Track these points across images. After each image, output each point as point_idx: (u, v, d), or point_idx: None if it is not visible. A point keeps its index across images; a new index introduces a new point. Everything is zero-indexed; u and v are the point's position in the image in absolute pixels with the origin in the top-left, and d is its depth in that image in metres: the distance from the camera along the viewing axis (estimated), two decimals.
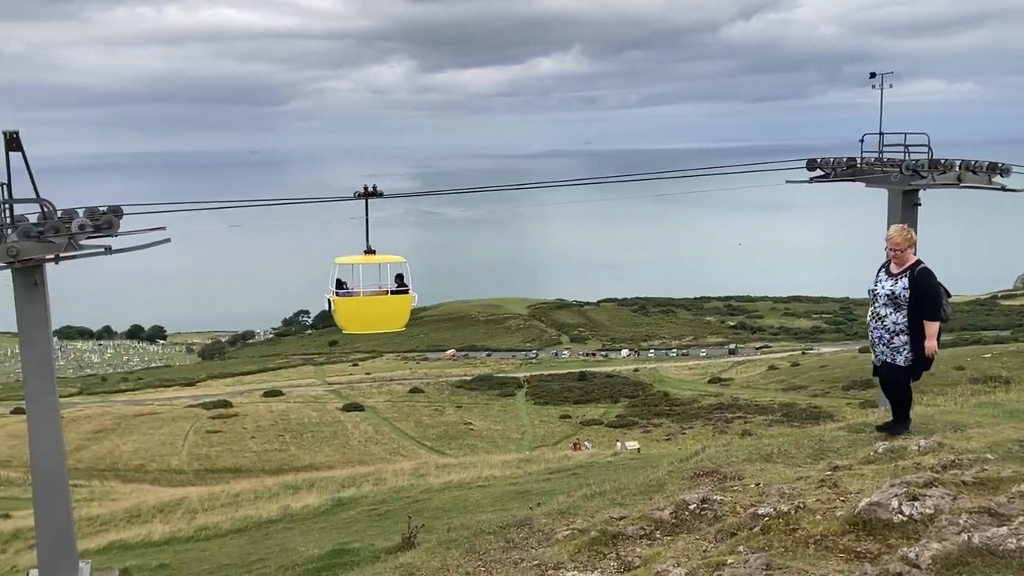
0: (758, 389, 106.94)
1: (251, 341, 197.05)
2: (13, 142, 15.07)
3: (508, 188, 24.59)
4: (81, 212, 16.10)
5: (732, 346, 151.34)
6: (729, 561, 5.51)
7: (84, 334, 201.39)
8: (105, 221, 15.92)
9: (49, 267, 16.01)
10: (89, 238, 15.80)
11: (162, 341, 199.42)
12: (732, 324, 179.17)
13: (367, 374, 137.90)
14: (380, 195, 17.30)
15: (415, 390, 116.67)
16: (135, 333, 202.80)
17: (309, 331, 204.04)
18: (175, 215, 17.80)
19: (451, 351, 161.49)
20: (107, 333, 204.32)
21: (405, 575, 6.58)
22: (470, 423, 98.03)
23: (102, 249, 16.00)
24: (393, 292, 18.21)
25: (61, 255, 15.69)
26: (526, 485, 21.14)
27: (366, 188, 17.14)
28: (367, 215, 17.30)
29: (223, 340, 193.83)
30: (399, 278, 18.43)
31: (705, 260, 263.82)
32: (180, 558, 18.48)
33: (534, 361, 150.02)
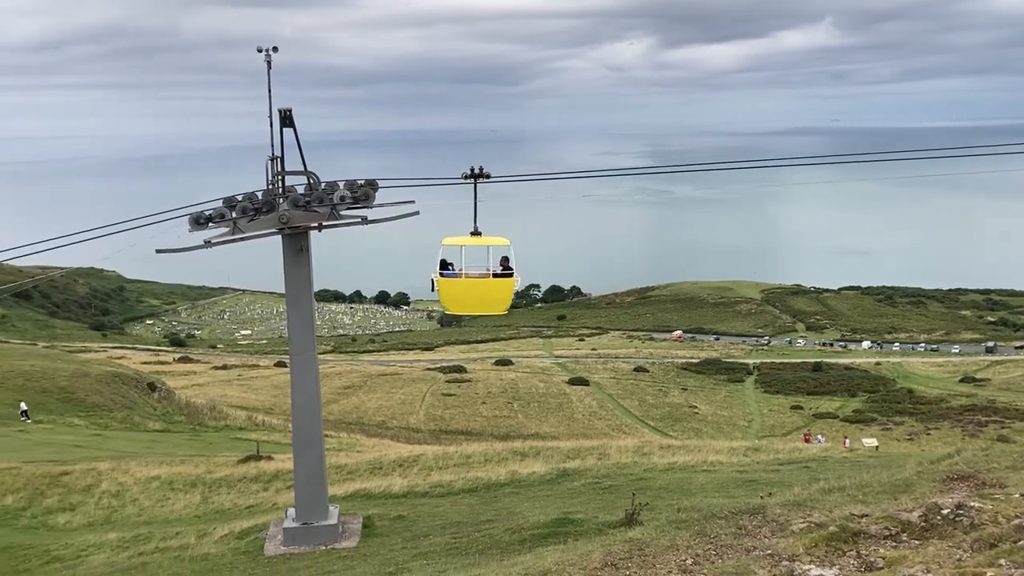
0: (1019, 392, 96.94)
1: None
2: (287, 119, 16.49)
3: (743, 165, 23.72)
4: (341, 184, 17.38)
5: (990, 344, 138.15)
6: (988, 574, 5.07)
7: (338, 298, 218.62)
8: (362, 193, 17.08)
9: (312, 234, 17.44)
10: (348, 209, 17.03)
11: (405, 307, 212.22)
12: (992, 320, 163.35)
13: (592, 350, 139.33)
14: (487, 176, 17.28)
15: (640, 369, 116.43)
16: (382, 299, 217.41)
17: (539, 304, 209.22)
18: (421, 190, 18.74)
19: (678, 332, 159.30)
20: (358, 297, 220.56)
21: (634, 550, 6.63)
22: (695, 406, 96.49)
23: (359, 219, 17.20)
24: (497, 275, 18.06)
25: (324, 224, 17.03)
26: (754, 474, 20.53)
27: (472, 170, 17.03)
28: (475, 197, 17.14)
29: None
30: (504, 261, 18.27)
31: (962, 249, 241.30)
32: (416, 511, 19.66)
33: (765, 348, 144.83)
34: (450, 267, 18.05)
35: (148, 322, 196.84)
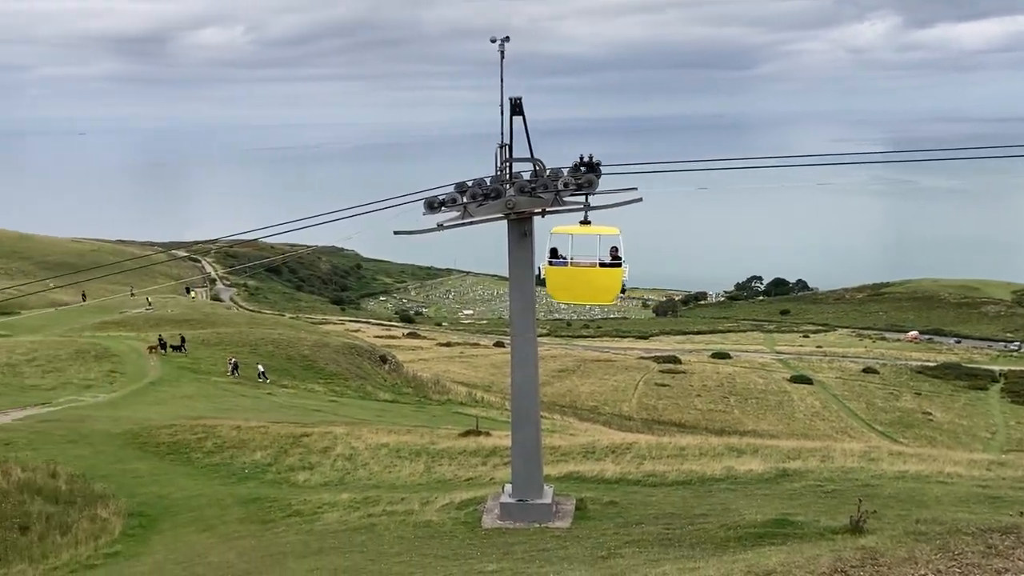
0: None
1: (703, 302, 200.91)
2: (517, 108, 16.93)
3: (997, 154, 21.47)
4: (565, 171, 17.62)
5: None
6: None
7: None
8: (585, 180, 17.22)
9: (535, 219, 17.81)
10: (571, 195, 17.25)
11: (621, 295, 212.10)
12: None
13: (818, 347, 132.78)
14: (598, 164, 16.96)
15: (869, 370, 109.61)
16: None
17: (761, 297, 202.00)
18: (644, 176, 18.62)
19: (913, 333, 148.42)
20: None
21: (867, 558, 6.27)
22: (930, 413, 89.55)
23: (581, 206, 17.38)
24: (605, 264, 17.98)
25: (547, 209, 17.36)
26: (998, 490, 18.77)
27: (581, 158, 16.85)
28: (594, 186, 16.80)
29: (676, 299, 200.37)
30: (613, 250, 18.14)
31: None
32: (628, 499, 19.67)
33: (1015, 354, 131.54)
34: (559, 255, 18.15)
35: (381, 299, 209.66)
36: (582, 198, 17.32)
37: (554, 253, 18.25)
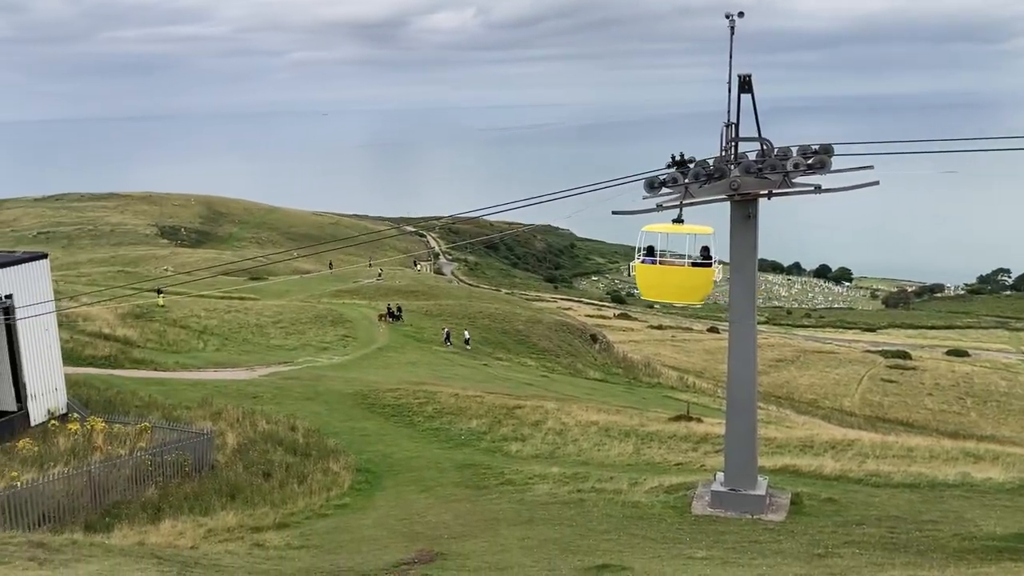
0: None
1: (939, 295, 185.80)
2: (745, 85, 16.40)
3: None
4: (794, 151, 16.88)
5: None
6: None
7: (775, 268, 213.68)
8: (817, 160, 16.42)
9: (760, 201, 17.21)
10: (801, 176, 16.50)
11: (847, 283, 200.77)
12: None
13: None
14: (691, 162, 16.43)
15: None
16: (822, 272, 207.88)
17: (1008, 292, 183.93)
18: (881, 158, 17.49)
19: None
20: (796, 269, 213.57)
21: None
22: None
23: (812, 188, 16.60)
24: (695, 264, 17.87)
25: (774, 191, 16.72)
26: None
27: (673, 157, 16.50)
28: (685, 183, 16.36)
29: (909, 290, 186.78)
30: (704, 250, 18.03)
31: None
32: (848, 497, 18.69)
33: None
34: (653, 253, 18.15)
35: (593, 278, 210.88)
36: (812, 179, 16.57)
37: (650, 251, 18.36)
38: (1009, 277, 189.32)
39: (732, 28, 16.59)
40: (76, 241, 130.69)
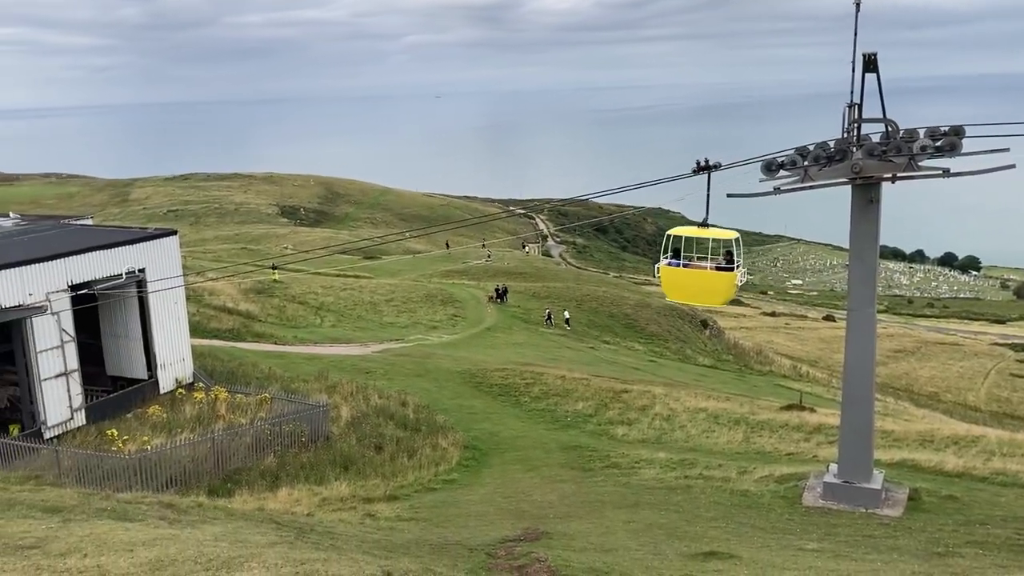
0: None
1: None
2: (870, 64, 15.75)
3: None
4: (922, 133, 16.14)
5: None
6: None
7: (896, 255, 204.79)
8: (947, 143, 15.64)
9: (884, 185, 16.54)
10: (928, 159, 15.78)
11: (975, 272, 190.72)
12: None
13: None
14: (717, 167, 16.25)
15: None
16: (947, 260, 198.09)
17: None
18: (1017, 140, 16.51)
19: None
20: (919, 257, 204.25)
21: None
22: None
23: (940, 171, 15.84)
24: (719, 268, 18.30)
25: (899, 175, 16.04)
26: None
27: (699, 163, 16.40)
28: (708, 190, 16.50)
29: None
30: (728, 255, 18.44)
31: None
32: (971, 496, 17.89)
33: None
34: (678, 256, 18.70)
35: None
36: (941, 162, 15.81)
37: (677, 254, 18.90)
38: None
39: (857, 5, 15.97)
40: (203, 219, 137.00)
